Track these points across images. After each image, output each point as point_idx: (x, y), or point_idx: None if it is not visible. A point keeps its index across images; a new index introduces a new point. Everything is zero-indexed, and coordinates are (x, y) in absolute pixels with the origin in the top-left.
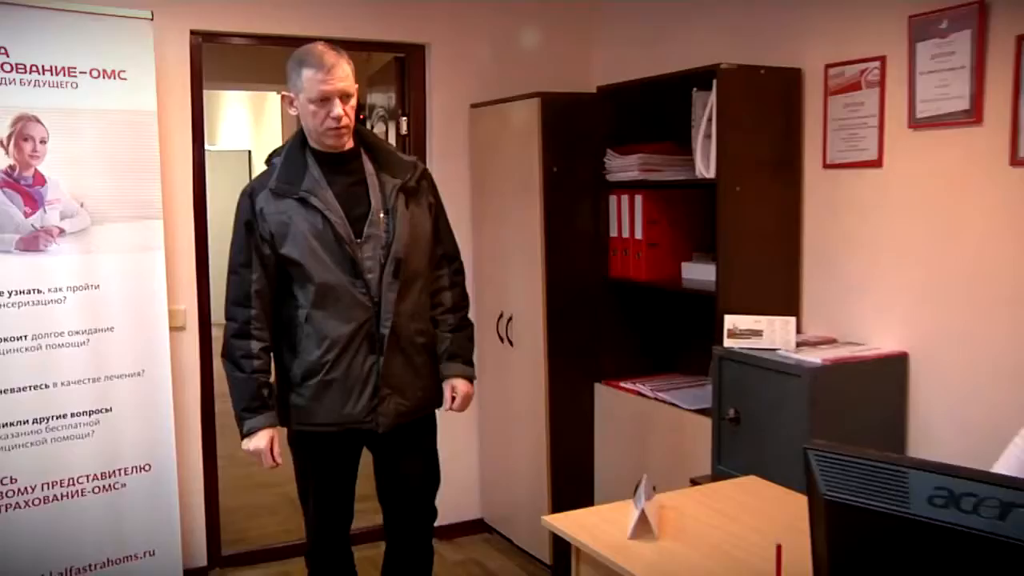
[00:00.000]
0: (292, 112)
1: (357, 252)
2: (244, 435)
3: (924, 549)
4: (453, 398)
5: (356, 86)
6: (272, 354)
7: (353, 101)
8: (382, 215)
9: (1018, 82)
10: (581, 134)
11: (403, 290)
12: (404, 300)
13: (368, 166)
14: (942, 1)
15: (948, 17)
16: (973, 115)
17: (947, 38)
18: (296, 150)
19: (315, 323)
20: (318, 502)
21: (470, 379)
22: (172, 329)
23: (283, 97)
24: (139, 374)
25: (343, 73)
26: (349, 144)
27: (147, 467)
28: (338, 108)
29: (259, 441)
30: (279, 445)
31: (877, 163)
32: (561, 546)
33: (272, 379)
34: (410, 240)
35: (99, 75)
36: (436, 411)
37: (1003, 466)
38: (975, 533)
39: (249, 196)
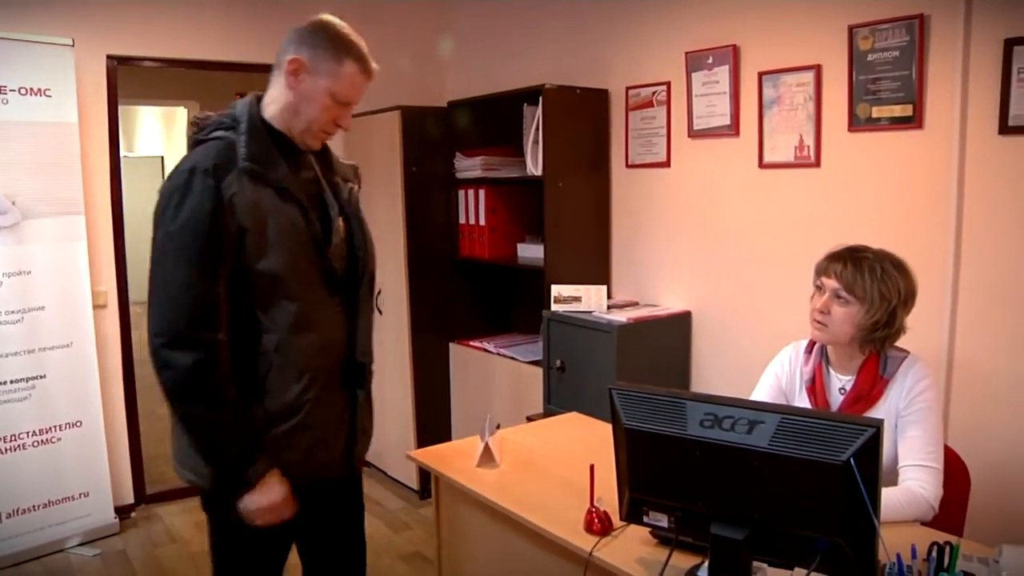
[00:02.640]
0: (294, 86)
1: (332, 262)
2: (247, 486)
3: (698, 459)
4: None
5: None
6: None
7: None
8: (341, 221)
9: (761, 106)
10: (434, 140)
11: (370, 311)
12: (370, 322)
13: (315, 165)
14: (708, 42)
15: (713, 55)
16: (733, 129)
17: (712, 71)
18: (259, 126)
19: (289, 352)
20: None
21: None
22: (95, 307)
23: (294, 61)
24: (68, 345)
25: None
26: None
27: (79, 423)
28: (349, 117)
29: (274, 492)
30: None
31: (666, 164)
32: (425, 474)
33: None
34: (373, 252)
35: (27, 92)
36: None
37: (757, 394)
38: (732, 445)
39: (212, 175)
